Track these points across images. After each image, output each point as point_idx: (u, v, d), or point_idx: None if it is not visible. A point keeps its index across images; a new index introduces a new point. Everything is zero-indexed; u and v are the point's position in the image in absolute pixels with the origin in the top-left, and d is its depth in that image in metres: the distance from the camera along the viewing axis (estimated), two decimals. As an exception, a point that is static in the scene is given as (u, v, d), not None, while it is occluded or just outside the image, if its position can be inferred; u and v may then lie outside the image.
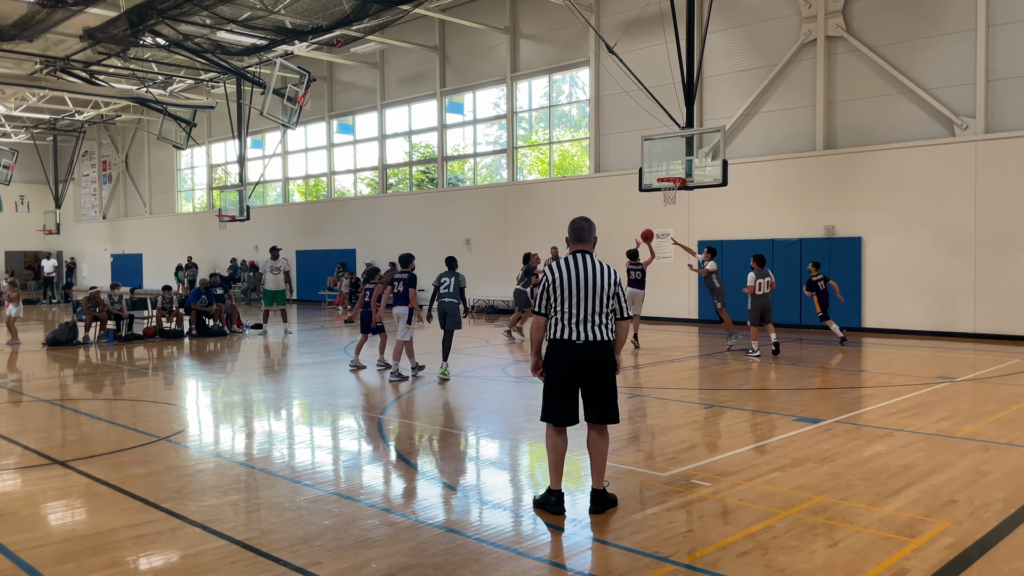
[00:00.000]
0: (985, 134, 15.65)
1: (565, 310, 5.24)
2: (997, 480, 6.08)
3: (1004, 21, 15.46)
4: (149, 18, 19.21)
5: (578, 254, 5.34)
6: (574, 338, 5.23)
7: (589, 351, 5.24)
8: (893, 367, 12.33)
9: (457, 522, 5.34)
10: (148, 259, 39.87)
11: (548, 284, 5.26)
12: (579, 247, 5.40)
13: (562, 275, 5.24)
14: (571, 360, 5.26)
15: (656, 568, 4.45)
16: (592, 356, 5.25)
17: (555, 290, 5.24)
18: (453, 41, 25.37)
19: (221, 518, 5.39)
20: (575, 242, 5.43)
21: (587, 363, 5.26)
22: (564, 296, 5.22)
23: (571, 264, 5.26)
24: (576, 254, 5.34)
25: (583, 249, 5.39)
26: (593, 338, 5.24)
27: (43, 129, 38.98)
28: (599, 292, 5.23)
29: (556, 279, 5.25)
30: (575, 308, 5.23)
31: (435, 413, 9.33)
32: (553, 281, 5.25)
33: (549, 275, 5.29)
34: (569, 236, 5.46)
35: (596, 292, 5.22)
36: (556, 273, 5.27)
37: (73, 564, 4.60)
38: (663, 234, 20.32)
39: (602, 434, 5.44)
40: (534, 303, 5.36)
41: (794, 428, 7.98)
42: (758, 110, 18.79)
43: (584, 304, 5.21)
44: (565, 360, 5.27)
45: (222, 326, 18.43)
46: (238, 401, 10.38)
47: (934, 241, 16.26)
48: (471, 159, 26.20)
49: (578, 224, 5.45)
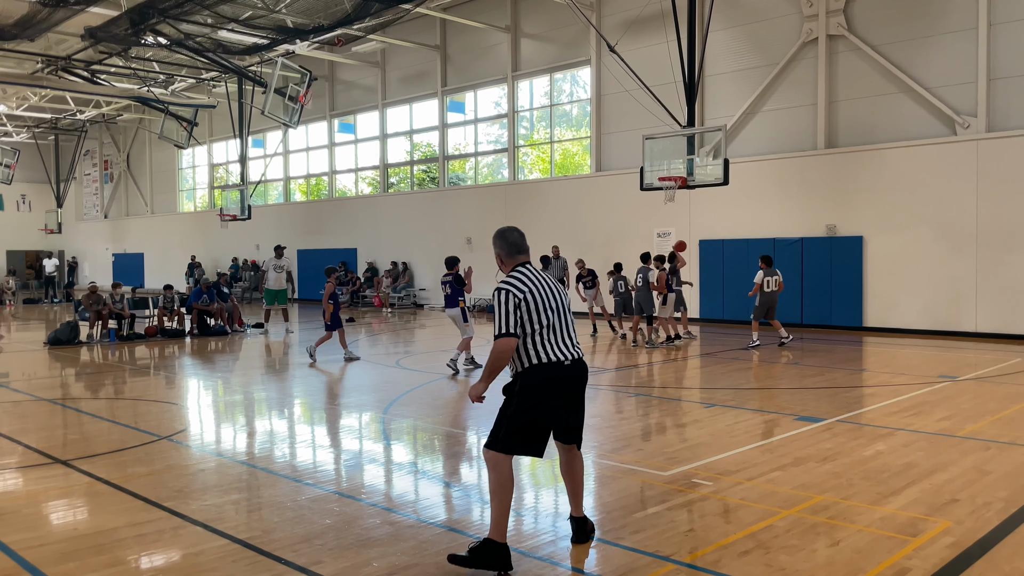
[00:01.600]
0: (986, 133, 15.64)
1: (546, 326, 4.62)
2: (998, 479, 6.08)
3: (1005, 20, 15.44)
4: (150, 17, 19.23)
5: (526, 266, 4.75)
6: (563, 359, 4.63)
7: (576, 371, 4.73)
8: (894, 366, 12.32)
9: (458, 521, 5.35)
10: (150, 258, 39.89)
11: (523, 299, 4.56)
12: (522, 258, 4.79)
13: (533, 287, 4.62)
14: (563, 385, 4.67)
15: (657, 567, 4.45)
16: (579, 377, 4.76)
17: (532, 305, 4.59)
18: (454, 40, 25.37)
19: (222, 517, 5.40)
20: (517, 254, 4.79)
21: (575, 385, 4.76)
22: (543, 311, 4.60)
23: (533, 276, 4.68)
24: (524, 266, 4.74)
25: (526, 260, 4.81)
26: (578, 356, 4.74)
27: (45, 128, 39.01)
28: (565, 304, 4.76)
29: (531, 291, 4.60)
30: (556, 324, 4.66)
31: (436, 412, 9.33)
32: (528, 294, 4.59)
33: (518, 289, 4.59)
34: (504, 251, 4.79)
35: (563, 304, 4.74)
36: (527, 285, 4.62)
37: (75, 563, 4.61)
38: (664, 233, 20.33)
39: (578, 456, 4.97)
40: (499, 321, 4.51)
41: (795, 427, 7.97)
42: (759, 109, 18.78)
43: (560, 319, 4.68)
44: (557, 386, 4.65)
45: (223, 325, 18.45)
46: (239, 400, 10.38)
47: (935, 240, 16.25)
48: (472, 158, 26.20)
49: (514, 235, 4.82)
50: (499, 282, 4.67)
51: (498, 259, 4.85)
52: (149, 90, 28.40)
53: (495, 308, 4.56)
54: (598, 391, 10.50)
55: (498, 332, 4.53)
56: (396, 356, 14.44)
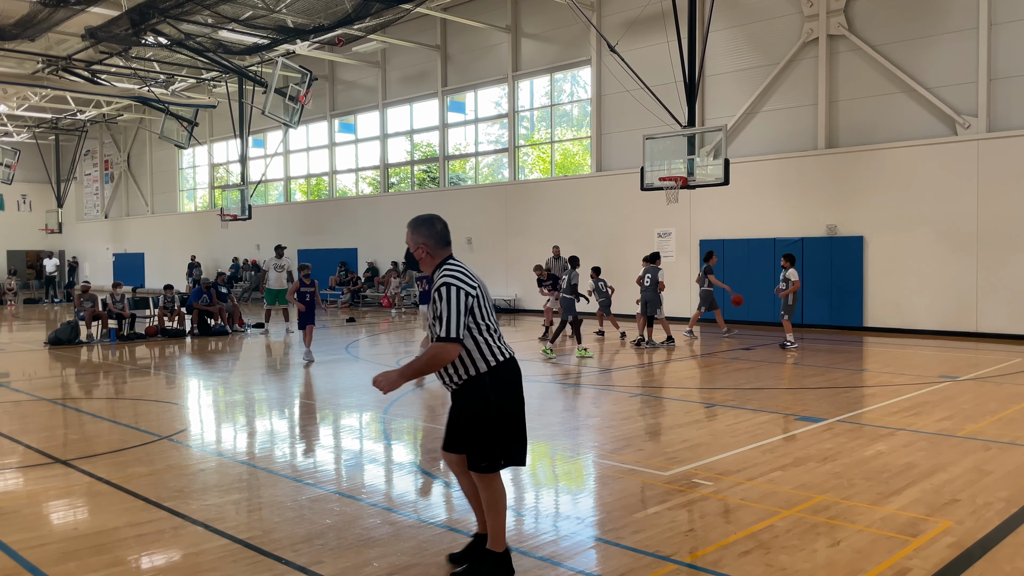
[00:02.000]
0: (987, 133, 15.63)
1: (493, 324, 4.30)
2: (999, 479, 6.08)
3: (1006, 20, 15.44)
4: (151, 17, 19.23)
5: (456, 260, 4.37)
6: (512, 355, 4.34)
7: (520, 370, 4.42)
8: (895, 366, 12.32)
9: (458, 521, 5.35)
10: (150, 258, 39.90)
11: (475, 297, 4.19)
12: (449, 251, 4.40)
13: (478, 284, 4.26)
14: (519, 384, 4.38)
15: (658, 567, 4.45)
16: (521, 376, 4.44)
17: (481, 302, 4.23)
18: (454, 40, 25.37)
19: (223, 517, 5.40)
20: (445, 246, 4.38)
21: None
22: (489, 308, 4.29)
23: (470, 270, 4.32)
24: (455, 260, 4.36)
25: (450, 253, 4.41)
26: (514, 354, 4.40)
27: (45, 128, 39.02)
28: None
29: (478, 288, 4.23)
30: (496, 322, 4.34)
31: (437, 412, 9.33)
32: (477, 290, 4.22)
33: (470, 286, 4.19)
34: (433, 241, 4.35)
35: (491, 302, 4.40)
36: (474, 281, 4.25)
37: (75, 563, 4.61)
38: (664, 233, 20.32)
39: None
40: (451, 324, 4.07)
41: (796, 427, 7.97)
42: (760, 109, 18.78)
43: (495, 316, 4.37)
44: (518, 387, 4.35)
45: (224, 325, 18.45)
46: (240, 400, 10.38)
47: (936, 240, 16.24)
48: (472, 158, 26.20)
49: (442, 225, 4.42)
50: (443, 276, 4.20)
51: (422, 249, 4.35)
52: (149, 90, 28.41)
53: (444, 307, 4.08)
54: (598, 391, 10.50)
55: (446, 335, 4.05)
56: (396, 356, 14.44)
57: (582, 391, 10.67)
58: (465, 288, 4.13)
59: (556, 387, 10.97)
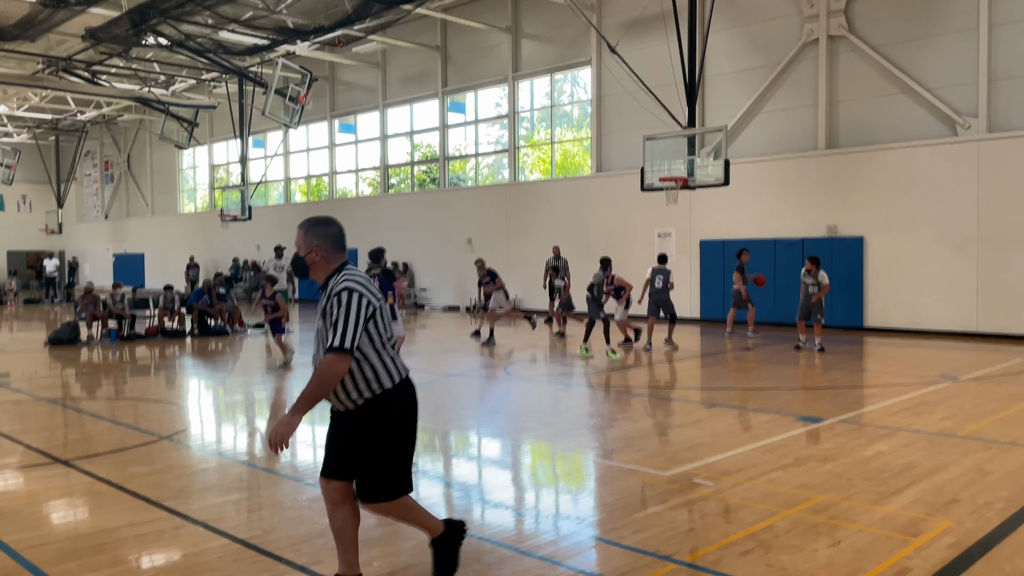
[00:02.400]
0: (987, 134, 15.63)
1: (390, 338, 3.91)
2: (999, 479, 6.07)
3: (1006, 21, 15.44)
4: (151, 18, 19.24)
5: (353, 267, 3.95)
6: (409, 375, 4.00)
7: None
8: (895, 366, 12.31)
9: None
10: (150, 259, 39.90)
11: (378, 307, 3.80)
12: (343, 257, 3.96)
13: (378, 293, 3.86)
14: (417, 406, 4.04)
15: (658, 567, 4.45)
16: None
17: (381, 313, 3.82)
18: (455, 41, 25.37)
19: (223, 517, 5.40)
20: (341, 251, 3.95)
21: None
22: (388, 321, 3.89)
23: (368, 279, 3.88)
24: (351, 267, 3.94)
25: (346, 260, 3.97)
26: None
27: (45, 129, 39.02)
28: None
29: (378, 298, 3.83)
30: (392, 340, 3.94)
31: (437, 412, 9.32)
32: (379, 302, 3.82)
33: (373, 294, 3.80)
34: (329, 244, 3.91)
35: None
36: (372, 289, 3.83)
37: (75, 563, 4.61)
38: (664, 234, 20.32)
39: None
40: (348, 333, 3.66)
41: (796, 427, 7.97)
42: (760, 109, 18.78)
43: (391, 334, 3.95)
44: (416, 408, 4.02)
45: (224, 326, 18.45)
46: (240, 400, 10.38)
47: (936, 241, 16.24)
48: (473, 159, 26.20)
49: (339, 229, 3.99)
50: (343, 281, 3.77)
51: (316, 253, 3.88)
52: (150, 91, 28.42)
53: (341, 313, 3.66)
54: (599, 391, 10.50)
55: (339, 344, 3.62)
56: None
57: (582, 391, 10.66)
58: (368, 296, 3.74)
59: (556, 387, 10.97)
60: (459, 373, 11.98)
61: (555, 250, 18.98)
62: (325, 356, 3.68)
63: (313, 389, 3.71)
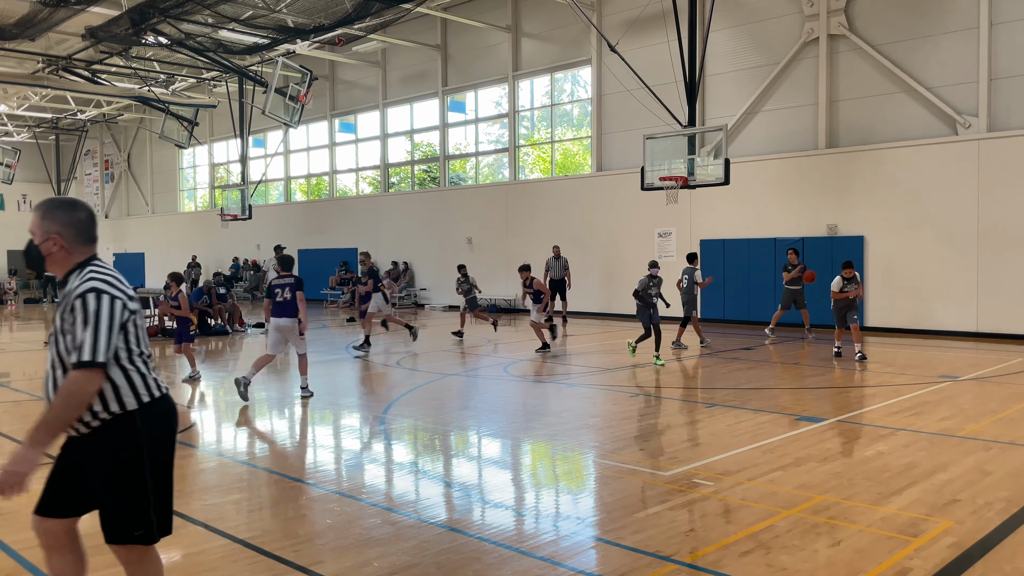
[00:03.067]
0: (987, 133, 15.62)
1: (143, 351, 3.26)
2: (999, 479, 6.07)
3: (1006, 19, 15.43)
4: (151, 17, 19.24)
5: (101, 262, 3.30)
6: (167, 392, 3.33)
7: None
8: (895, 366, 12.31)
9: (459, 521, 5.34)
10: (150, 258, 39.92)
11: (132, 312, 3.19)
12: (91, 249, 3.30)
13: (134, 296, 3.25)
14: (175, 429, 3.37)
15: (658, 567, 4.45)
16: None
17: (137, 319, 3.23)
18: (455, 40, 25.36)
19: (223, 517, 5.39)
20: (87, 242, 3.28)
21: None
22: (142, 330, 3.26)
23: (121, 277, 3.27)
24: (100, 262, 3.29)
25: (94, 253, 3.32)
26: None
27: (45, 128, 39.01)
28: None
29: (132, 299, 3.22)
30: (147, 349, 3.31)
31: (437, 412, 9.32)
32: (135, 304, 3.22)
33: (128, 296, 3.20)
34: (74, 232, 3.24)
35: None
36: (129, 291, 3.23)
37: (75, 563, 4.60)
38: (664, 233, 20.31)
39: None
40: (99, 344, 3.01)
41: (796, 427, 7.97)
42: (760, 109, 18.77)
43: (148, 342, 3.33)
44: (174, 432, 3.35)
45: (224, 325, 18.45)
46: (240, 400, 10.38)
47: (936, 240, 16.23)
48: (473, 158, 26.19)
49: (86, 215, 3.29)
50: (88, 280, 3.12)
51: (53, 242, 3.21)
52: (150, 90, 28.40)
53: (90, 320, 3.01)
54: (599, 391, 10.50)
55: (90, 358, 2.97)
56: (396, 356, 14.44)
57: (582, 391, 10.66)
58: (122, 298, 3.12)
59: (556, 387, 10.97)
60: (460, 373, 11.98)
61: (555, 249, 18.99)
62: (71, 373, 3.00)
63: (56, 414, 2.99)
